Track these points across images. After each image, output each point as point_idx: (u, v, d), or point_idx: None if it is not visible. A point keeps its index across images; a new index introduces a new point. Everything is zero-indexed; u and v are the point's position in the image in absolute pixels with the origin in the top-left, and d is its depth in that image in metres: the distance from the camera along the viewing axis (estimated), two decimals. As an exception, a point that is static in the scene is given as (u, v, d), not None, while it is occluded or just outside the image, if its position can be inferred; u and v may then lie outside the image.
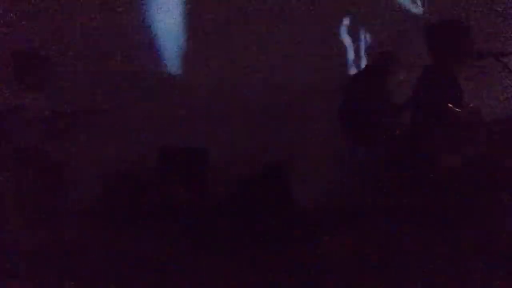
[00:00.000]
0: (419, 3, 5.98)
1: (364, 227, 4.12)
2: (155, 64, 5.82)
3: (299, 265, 3.64)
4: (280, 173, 4.72)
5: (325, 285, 3.40)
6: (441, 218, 3.50)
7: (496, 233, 3.43)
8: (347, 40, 6.00)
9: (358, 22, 5.99)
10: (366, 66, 5.15)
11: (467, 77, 4.03)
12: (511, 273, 3.20)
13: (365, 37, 5.96)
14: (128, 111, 5.25)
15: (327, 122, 5.23)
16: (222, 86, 5.69)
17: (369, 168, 4.76)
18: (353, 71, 5.71)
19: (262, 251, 3.86)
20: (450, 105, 3.53)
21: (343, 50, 6.00)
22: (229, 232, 4.15)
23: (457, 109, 3.58)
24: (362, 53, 5.92)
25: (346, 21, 6.02)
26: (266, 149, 5.38)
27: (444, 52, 3.73)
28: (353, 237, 4.01)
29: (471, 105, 3.71)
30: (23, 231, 3.99)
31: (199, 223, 4.36)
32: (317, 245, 3.98)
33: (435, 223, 3.53)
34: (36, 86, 4.44)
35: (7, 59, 4.51)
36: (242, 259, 3.74)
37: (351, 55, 5.98)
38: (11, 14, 5.17)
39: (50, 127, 4.45)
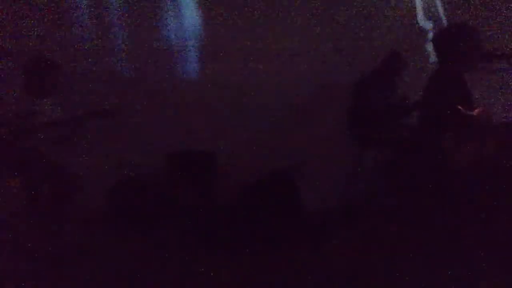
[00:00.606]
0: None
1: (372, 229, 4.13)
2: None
3: (308, 267, 3.64)
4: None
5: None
6: (449, 221, 3.49)
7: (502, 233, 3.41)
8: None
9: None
10: (375, 67, 5.12)
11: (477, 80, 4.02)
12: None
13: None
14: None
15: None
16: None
17: (378, 169, 4.76)
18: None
19: (271, 254, 3.88)
20: (459, 107, 3.50)
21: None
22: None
23: (466, 112, 3.55)
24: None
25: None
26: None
27: (454, 54, 3.70)
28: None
29: (481, 107, 3.68)
30: (33, 235, 4.00)
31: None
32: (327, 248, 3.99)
33: (442, 225, 3.52)
34: (47, 92, 4.46)
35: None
36: (251, 262, 3.75)
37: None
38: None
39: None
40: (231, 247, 4.02)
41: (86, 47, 5.54)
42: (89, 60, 5.50)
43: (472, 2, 5.65)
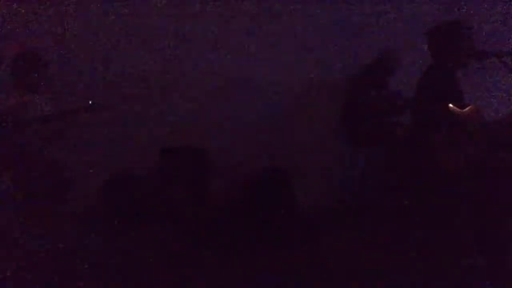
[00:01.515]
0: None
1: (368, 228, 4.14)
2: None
3: (301, 266, 3.63)
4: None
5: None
6: (440, 219, 3.49)
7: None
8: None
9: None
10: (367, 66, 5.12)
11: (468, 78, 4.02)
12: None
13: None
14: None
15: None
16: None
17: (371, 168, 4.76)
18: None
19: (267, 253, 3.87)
20: (450, 105, 3.51)
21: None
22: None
23: (458, 109, 3.55)
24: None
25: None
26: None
27: (446, 52, 3.71)
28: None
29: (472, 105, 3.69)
30: (24, 231, 3.99)
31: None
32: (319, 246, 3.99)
33: (433, 224, 3.52)
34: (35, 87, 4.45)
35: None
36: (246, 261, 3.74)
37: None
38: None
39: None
40: (226, 246, 4.01)
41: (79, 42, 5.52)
42: (82, 54, 5.48)
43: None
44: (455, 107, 3.51)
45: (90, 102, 4.44)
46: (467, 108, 3.59)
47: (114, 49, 5.46)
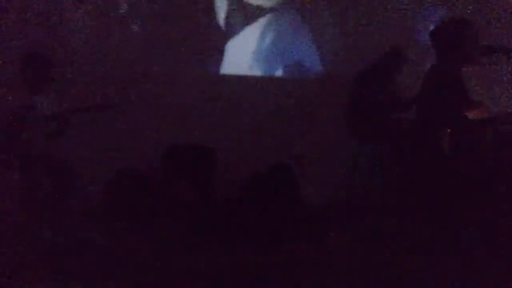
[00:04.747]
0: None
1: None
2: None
3: (308, 262, 3.63)
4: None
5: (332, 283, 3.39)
6: (447, 216, 3.48)
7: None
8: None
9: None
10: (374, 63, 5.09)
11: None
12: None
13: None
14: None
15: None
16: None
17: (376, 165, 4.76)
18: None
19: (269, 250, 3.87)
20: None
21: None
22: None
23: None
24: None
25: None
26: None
27: (451, 49, 3.69)
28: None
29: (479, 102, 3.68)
30: (32, 229, 4.00)
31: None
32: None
33: (440, 221, 3.51)
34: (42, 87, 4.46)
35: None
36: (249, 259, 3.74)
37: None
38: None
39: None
40: (229, 242, 4.02)
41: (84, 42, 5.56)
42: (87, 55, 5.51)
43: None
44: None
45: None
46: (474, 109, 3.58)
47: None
